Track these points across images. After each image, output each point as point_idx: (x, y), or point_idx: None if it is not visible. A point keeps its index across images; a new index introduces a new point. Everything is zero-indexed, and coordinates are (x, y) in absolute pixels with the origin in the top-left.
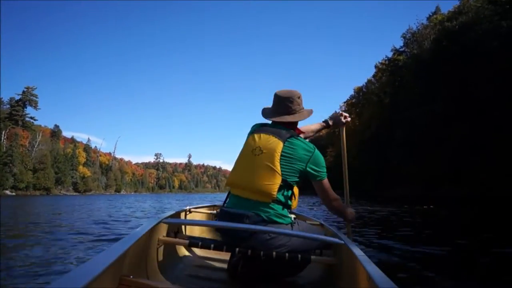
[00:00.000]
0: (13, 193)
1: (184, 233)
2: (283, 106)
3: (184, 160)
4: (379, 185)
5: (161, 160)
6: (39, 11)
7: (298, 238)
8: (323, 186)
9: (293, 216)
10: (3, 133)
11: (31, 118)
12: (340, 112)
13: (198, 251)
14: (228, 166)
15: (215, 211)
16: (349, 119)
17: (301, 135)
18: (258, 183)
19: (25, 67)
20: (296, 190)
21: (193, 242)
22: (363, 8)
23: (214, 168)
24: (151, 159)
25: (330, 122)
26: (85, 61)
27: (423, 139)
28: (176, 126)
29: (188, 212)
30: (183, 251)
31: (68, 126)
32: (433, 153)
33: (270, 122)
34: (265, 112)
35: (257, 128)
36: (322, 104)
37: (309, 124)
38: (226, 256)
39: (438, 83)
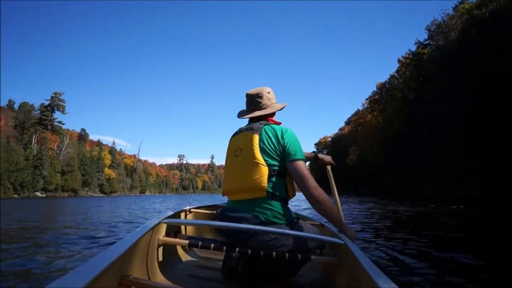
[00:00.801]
0: (43, 195)
1: (184, 233)
2: (254, 103)
3: (207, 161)
4: (402, 184)
5: (184, 162)
6: (39, 11)
7: (298, 238)
8: (298, 168)
9: (293, 215)
10: (34, 137)
11: (59, 122)
12: (329, 156)
13: (198, 251)
14: None
15: (215, 211)
16: (334, 163)
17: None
18: (247, 180)
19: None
20: (289, 179)
21: (193, 242)
22: (363, 8)
23: None
24: (174, 160)
25: (319, 157)
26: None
27: (448, 134)
28: (199, 127)
29: (188, 212)
30: (183, 251)
31: (95, 130)
32: (458, 149)
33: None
34: (240, 113)
35: (234, 133)
36: (322, 104)
37: None
38: None
39: (465, 75)
